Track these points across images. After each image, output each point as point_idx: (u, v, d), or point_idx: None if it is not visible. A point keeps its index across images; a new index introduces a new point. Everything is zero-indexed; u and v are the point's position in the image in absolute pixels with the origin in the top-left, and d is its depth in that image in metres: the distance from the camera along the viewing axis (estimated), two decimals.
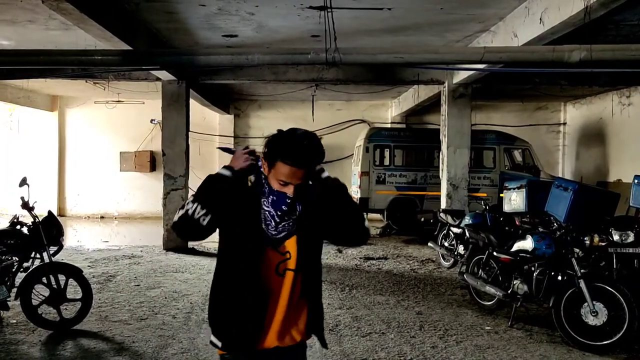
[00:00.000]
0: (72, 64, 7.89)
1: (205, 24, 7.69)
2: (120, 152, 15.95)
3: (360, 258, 9.59)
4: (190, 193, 2.49)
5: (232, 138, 16.18)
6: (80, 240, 11.60)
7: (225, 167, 2.27)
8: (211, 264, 8.93)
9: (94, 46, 7.71)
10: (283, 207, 2.19)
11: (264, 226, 2.23)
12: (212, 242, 11.94)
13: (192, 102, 11.36)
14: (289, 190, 2.16)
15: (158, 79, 10.15)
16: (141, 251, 10.00)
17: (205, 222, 2.16)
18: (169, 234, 10.20)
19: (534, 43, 6.53)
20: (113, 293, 6.92)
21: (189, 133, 10.63)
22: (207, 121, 15.86)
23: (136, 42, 7.29)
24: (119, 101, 15.44)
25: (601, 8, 5.20)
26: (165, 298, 6.69)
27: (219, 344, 2.30)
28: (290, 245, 2.26)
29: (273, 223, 2.22)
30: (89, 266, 8.49)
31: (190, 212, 2.15)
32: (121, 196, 16.03)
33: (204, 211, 2.15)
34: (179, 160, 10.27)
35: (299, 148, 2.11)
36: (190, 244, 10.46)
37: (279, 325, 2.25)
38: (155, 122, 15.05)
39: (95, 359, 4.76)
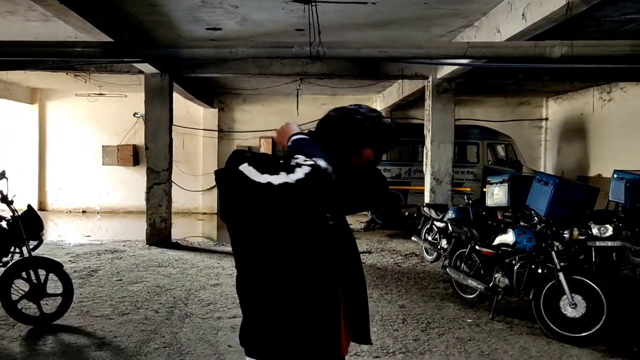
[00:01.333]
0: (52, 55, 7.76)
1: (188, 16, 7.61)
2: (103, 146, 15.76)
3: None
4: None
5: (217, 132, 16.09)
6: (62, 235, 11.46)
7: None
8: (194, 258, 8.89)
9: (74, 38, 7.60)
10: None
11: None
12: (195, 236, 11.91)
13: (175, 95, 11.25)
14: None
15: (141, 71, 10.04)
16: (124, 246, 9.91)
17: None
18: (152, 229, 10.13)
19: (517, 38, 6.57)
20: (95, 288, 6.85)
21: (173, 127, 10.54)
22: (191, 115, 15.74)
23: (118, 34, 7.19)
24: (100, 94, 15.24)
25: (582, 4, 5.25)
26: (148, 293, 6.65)
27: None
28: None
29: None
30: (70, 261, 8.40)
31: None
32: (103, 190, 15.86)
33: None
34: (162, 154, 10.18)
35: (393, 134, 1.99)
36: (174, 238, 10.40)
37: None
38: (139, 115, 14.89)
39: (76, 354, 4.71)
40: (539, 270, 5.44)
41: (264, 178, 1.72)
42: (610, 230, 5.66)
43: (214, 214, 15.74)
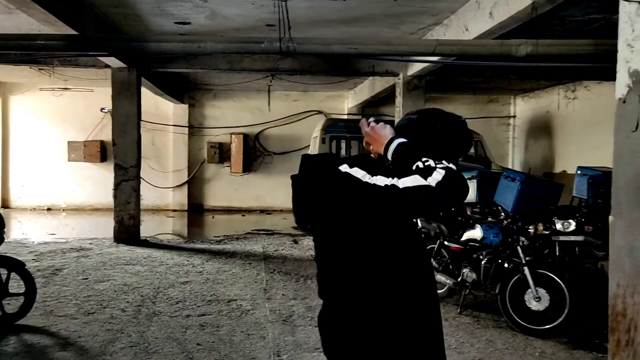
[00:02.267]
0: (13, 48, 7.53)
1: (156, 9, 7.48)
2: (69, 142, 15.37)
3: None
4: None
5: (187, 128, 15.88)
6: (25, 233, 11.16)
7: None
8: (163, 255, 8.77)
9: (38, 31, 7.39)
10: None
11: None
12: (165, 233, 11.73)
13: (144, 90, 11.05)
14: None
15: (107, 66, 9.83)
16: (90, 244, 9.71)
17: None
18: (119, 226, 9.94)
19: (485, 37, 6.66)
20: (59, 287, 6.69)
21: (141, 123, 10.36)
22: (161, 110, 15.49)
23: (83, 27, 7.01)
24: (66, 88, 14.87)
25: (547, 3, 5.35)
26: (115, 291, 6.53)
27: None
28: None
29: None
30: (33, 260, 8.18)
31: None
32: (69, 187, 15.50)
33: None
34: (130, 150, 9.99)
35: (470, 145, 2.07)
36: (142, 235, 10.24)
37: None
38: (106, 110, 14.58)
39: (40, 355, 4.60)
40: (506, 265, 5.54)
41: (380, 180, 1.74)
42: (573, 225, 5.79)
43: (185, 211, 15.56)
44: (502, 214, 5.98)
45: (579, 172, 7.58)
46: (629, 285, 3.50)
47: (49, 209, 15.41)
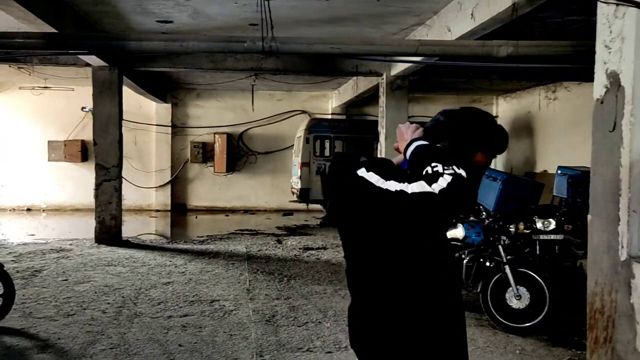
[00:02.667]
0: None
1: (137, 8, 7.40)
2: (49, 141, 15.17)
3: (299, 249, 9.62)
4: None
5: (170, 127, 15.76)
6: (4, 234, 10.98)
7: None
8: (146, 256, 8.70)
9: (17, 29, 7.27)
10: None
11: None
12: (147, 233, 11.64)
13: (126, 90, 10.96)
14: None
15: (88, 64, 9.71)
16: (70, 244, 9.58)
17: None
18: (101, 226, 9.83)
19: (467, 37, 6.71)
20: (38, 288, 6.60)
21: (123, 122, 10.26)
22: (143, 110, 15.35)
23: (62, 25, 6.91)
24: (46, 87, 14.65)
25: (527, 5, 5.41)
26: (95, 293, 6.45)
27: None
28: None
29: None
30: (12, 261, 8.05)
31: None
32: (50, 187, 15.28)
33: None
34: (111, 150, 9.89)
35: (507, 138, 1.96)
36: (124, 236, 10.14)
37: None
38: (87, 109, 14.40)
39: (18, 357, 4.53)
40: (487, 264, 5.59)
41: (392, 185, 1.71)
42: (553, 224, 5.86)
43: (168, 211, 15.45)
44: (484, 213, 6.03)
45: (559, 171, 7.68)
46: (607, 283, 3.56)
47: (28, 210, 15.18)
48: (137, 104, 14.70)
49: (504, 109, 16.39)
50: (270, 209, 15.89)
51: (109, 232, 9.81)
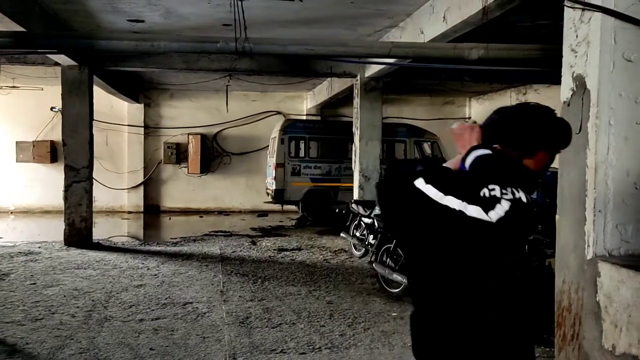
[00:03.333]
0: None
1: (108, 7, 7.28)
2: (17, 142, 14.80)
3: (273, 250, 9.59)
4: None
5: (142, 128, 15.54)
6: None
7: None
8: (117, 259, 8.56)
9: None
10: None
11: None
12: (119, 235, 11.45)
13: (97, 89, 10.77)
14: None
15: (57, 64, 9.51)
16: (39, 247, 9.37)
17: None
18: (70, 229, 9.64)
19: (439, 40, 6.79)
20: (5, 292, 6.43)
21: (94, 122, 10.08)
22: (115, 110, 15.11)
23: (31, 24, 6.75)
24: (14, 87, 14.30)
25: (498, 9, 5.50)
26: (64, 296, 6.32)
27: None
28: None
29: None
30: None
31: None
32: (18, 189, 14.90)
33: None
34: (81, 150, 9.70)
35: (571, 135, 1.81)
36: (95, 238, 9.96)
37: None
38: (56, 109, 14.09)
39: None
40: None
41: (451, 202, 1.61)
42: None
43: (140, 213, 15.23)
44: None
45: None
46: (574, 282, 3.64)
47: None
48: (108, 103, 14.46)
49: (476, 110, 16.63)
50: (245, 210, 15.81)
51: (79, 235, 9.63)
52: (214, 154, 15.98)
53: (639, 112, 3.43)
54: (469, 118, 16.93)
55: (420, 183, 1.69)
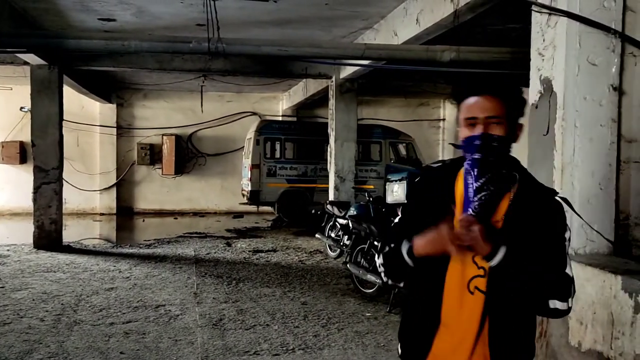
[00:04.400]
0: None
1: (78, 5, 7.16)
2: None
3: (249, 251, 9.54)
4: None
5: (115, 128, 15.31)
6: None
7: (409, 248, 1.73)
8: (88, 261, 8.42)
9: None
10: (475, 155, 1.65)
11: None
12: (90, 238, 11.25)
13: (67, 89, 10.57)
14: (478, 130, 1.66)
15: (26, 63, 9.31)
16: (8, 250, 9.15)
17: (402, 285, 1.92)
18: (40, 231, 9.43)
19: (412, 42, 6.87)
20: None
21: (64, 122, 9.89)
22: (86, 110, 14.85)
23: None
24: None
25: (469, 12, 5.59)
26: (33, 300, 6.18)
27: (399, 350, 1.88)
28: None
29: (471, 197, 1.67)
30: None
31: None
32: None
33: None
34: (51, 151, 9.51)
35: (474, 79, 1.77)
36: (65, 241, 9.77)
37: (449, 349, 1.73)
38: (26, 109, 13.77)
39: None
40: None
41: None
42: None
43: (113, 215, 15.00)
44: None
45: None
46: None
47: None
48: (79, 103, 14.21)
49: (451, 112, 16.83)
50: (220, 212, 15.70)
51: (48, 237, 9.43)
52: (189, 155, 15.84)
53: (603, 114, 3.52)
54: (444, 119, 17.13)
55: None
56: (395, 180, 8.10)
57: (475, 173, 1.65)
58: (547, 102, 3.65)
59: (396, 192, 8.04)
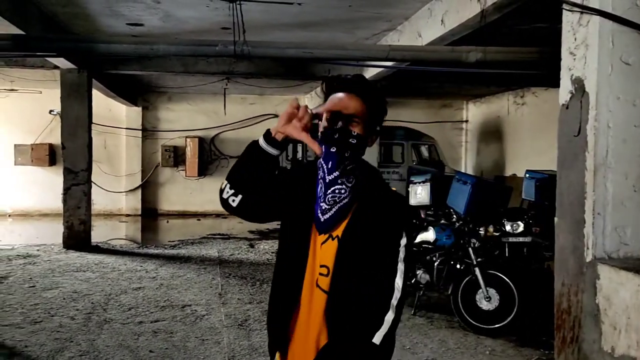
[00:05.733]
0: None
1: (107, 10, 7.29)
2: (15, 145, 14.77)
3: (271, 252, 9.58)
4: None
5: (140, 131, 15.53)
6: None
7: (267, 132, 1.73)
8: (116, 261, 8.56)
9: None
10: (332, 149, 1.68)
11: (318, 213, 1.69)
12: (117, 238, 11.43)
13: (96, 93, 10.76)
14: (338, 125, 1.71)
15: (56, 67, 9.51)
16: (38, 250, 9.35)
17: (235, 204, 1.71)
18: (69, 232, 9.62)
19: (437, 43, 6.81)
20: (4, 295, 6.42)
21: (93, 125, 10.08)
22: (113, 113, 15.09)
23: (29, 27, 6.76)
24: (12, 89, 14.29)
25: (495, 12, 5.52)
26: (64, 299, 6.31)
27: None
28: (329, 251, 1.70)
29: (322, 192, 1.69)
30: None
31: (221, 188, 1.73)
32: (16, 192, 14.85)
33: (232, 191, 1.71)
34: (80, 153, 9.69)
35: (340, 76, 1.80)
36: (94, 241, 9.95)
37: (300, 346, 1.73)
38: (55, 113, 14.08)
39: None
40: (458, 266, 5.68)
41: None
42: (521, 227, 5.99)
43: (138, 216, 15.21)
44: (454, 216, 6.12)
45: (527, 175, 7.84)
46: (573, 284, 3.65)
47: None
48: (106, 107, 14.44)
49: (473, 113, 16.67)
50: None
51: (77, 237, 9.61)
52: (212, 157, 15.97)
53: (637, 114, 3.45)
54: (467, 121, 16.97)
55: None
56: (419, 182, 8.03)
57: (329, 166, 1.67)
58: (579, 103, 3.60)
59: (419, 194, 7.96)
